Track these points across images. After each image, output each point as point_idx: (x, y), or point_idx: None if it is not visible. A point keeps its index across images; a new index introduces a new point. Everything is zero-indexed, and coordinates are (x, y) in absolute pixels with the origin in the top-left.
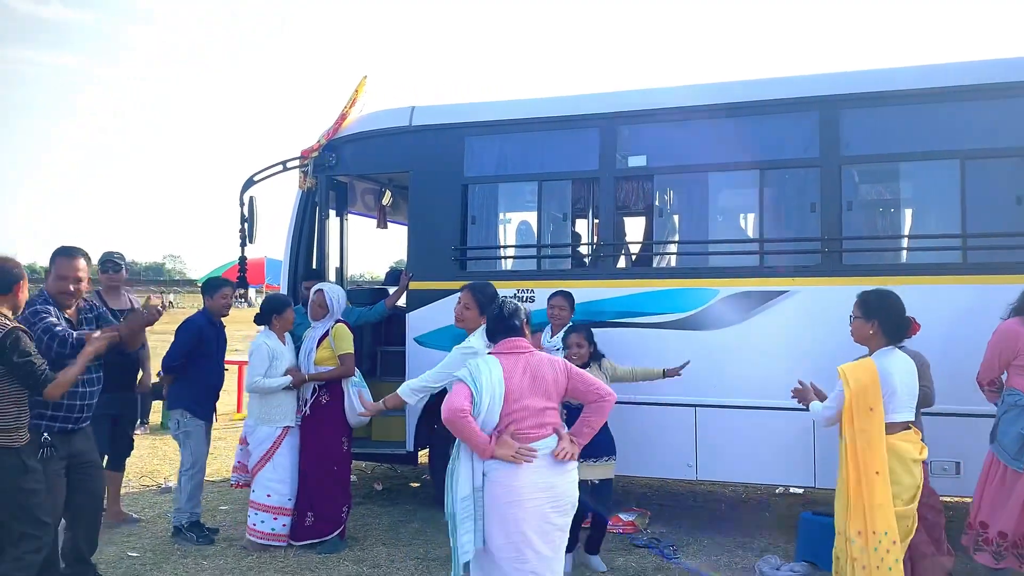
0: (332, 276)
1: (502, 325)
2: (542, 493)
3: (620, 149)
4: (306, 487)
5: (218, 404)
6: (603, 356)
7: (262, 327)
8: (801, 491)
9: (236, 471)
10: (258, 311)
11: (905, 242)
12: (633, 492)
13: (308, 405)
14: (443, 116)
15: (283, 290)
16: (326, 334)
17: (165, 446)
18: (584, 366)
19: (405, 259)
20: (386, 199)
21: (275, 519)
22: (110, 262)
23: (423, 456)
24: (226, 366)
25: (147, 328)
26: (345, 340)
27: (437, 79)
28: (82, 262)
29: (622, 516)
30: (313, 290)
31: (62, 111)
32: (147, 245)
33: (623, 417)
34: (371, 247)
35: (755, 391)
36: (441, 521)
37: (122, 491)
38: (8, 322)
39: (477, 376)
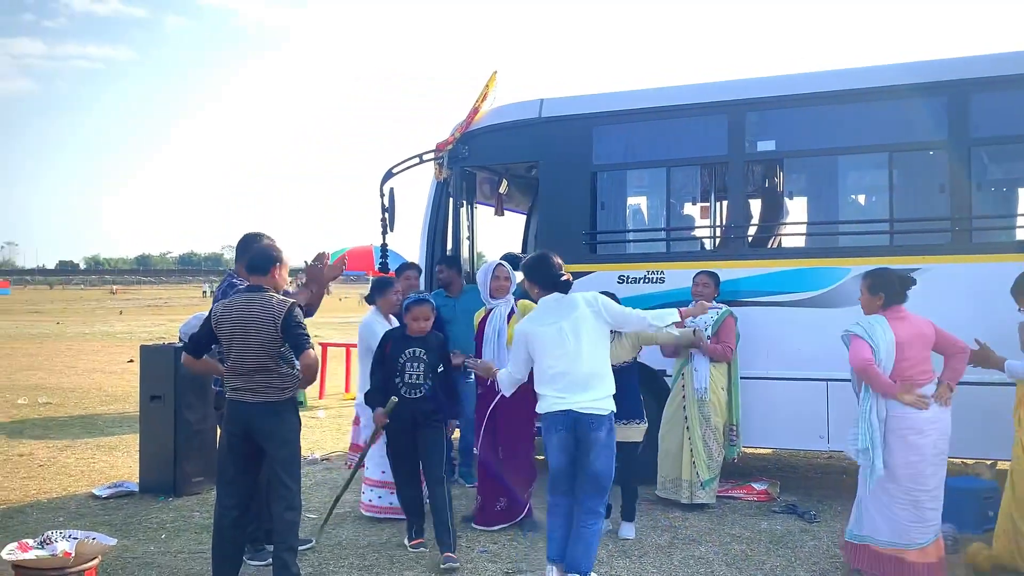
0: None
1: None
2: (933, 426)
3: (749, 134)
4: (498, 471)
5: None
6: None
7: (372, 307)
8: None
9: (352, 450)
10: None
11: None
12: (755, 464)
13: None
14: (571, 107)
15: (422, 276)
16: (512, 311)
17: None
18: None
19: (521, 245)
20: (503, 188)
21: (392, 493)
22: None
23: None
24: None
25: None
26: None
27: (560, 73)
28: None
29: (754, 485)
30: (492, 267)
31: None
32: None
33: (757, 392)
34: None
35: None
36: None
37: None
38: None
39: (872, 332)
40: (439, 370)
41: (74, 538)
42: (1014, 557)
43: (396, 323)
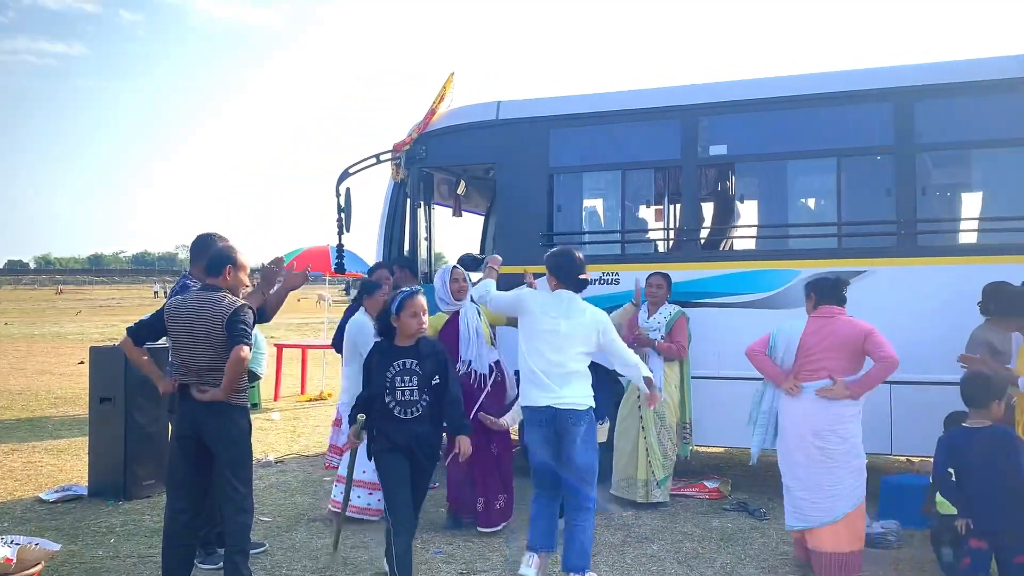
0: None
1: (828, 300)
2: (804, 420)
3: (701, 138)
4: (497, 472)
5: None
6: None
7: (360, 309)
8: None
9: (331, 452)
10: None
11: (976, 224)
12: (708, 463)
13: (490, 385)
14: (528, 110)
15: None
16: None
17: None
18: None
19: (479, 246)
20: (461, 189)
21: (371, 494)
22: None
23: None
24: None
25: None
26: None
27: (515, 75)
28: None
29: (707, 483)
30: (448, 271)
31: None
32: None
33: (709, 391)
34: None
35: None
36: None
37: None
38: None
39: (780, 329)
40: (434, 382)
41: (16, 543)
42: None
43: None
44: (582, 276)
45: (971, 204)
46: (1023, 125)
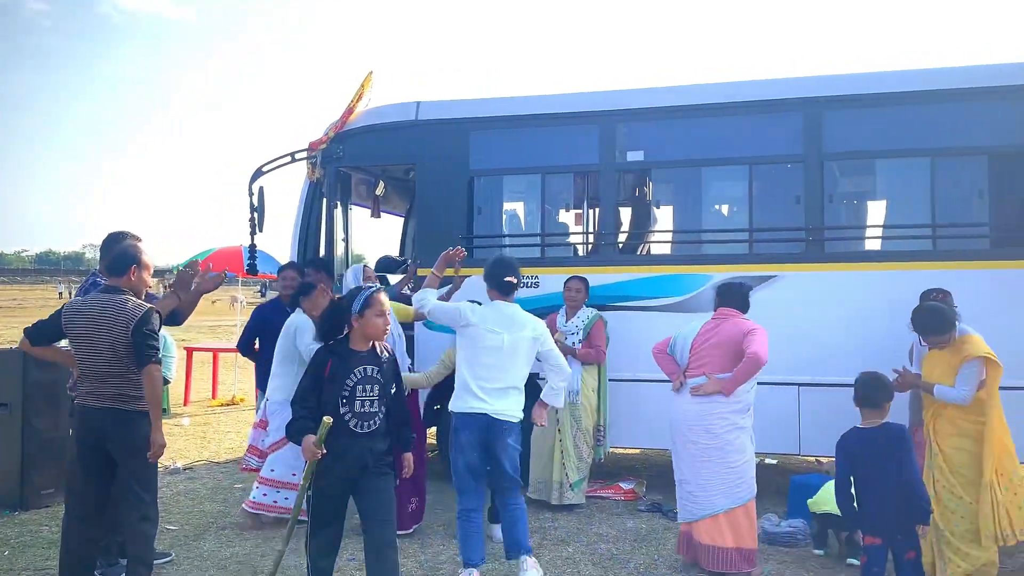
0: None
1: (723, 302)
2: (683, 418)
3: (619, 144)
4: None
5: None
6: None
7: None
8: (775, 461)
9: (250, 453)
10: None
11: (880, 231)
12: (624, 465)
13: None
14: (448, 111)
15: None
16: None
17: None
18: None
19: (399, 248)
20: (379, 190)
21: (277, 491)
22: None
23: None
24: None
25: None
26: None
27: (439, 76)
28: None
29: (622, 485)
30: (360, 269)
31: None
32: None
33: (625, 394)
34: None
35: None
36: (450, 492)
37: None
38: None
39: (681, 329)
40: (392, 391)
41: None
42: (933, 567)
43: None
44: (507, 279)
45: (876, 212)
46: (925, 136)
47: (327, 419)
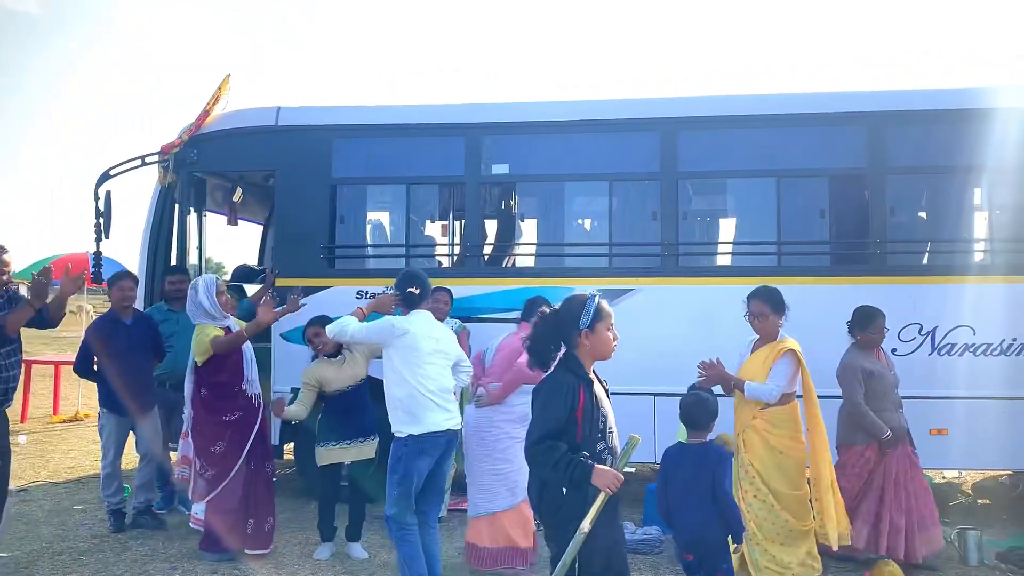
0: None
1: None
2: (470, 424)
3: (484, 157)
4: (268, 491)
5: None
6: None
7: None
8: (633, 470)
9: (180, 465)
10: None
11: (731, 248)
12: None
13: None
14: (311, 118)
15: (141, 286)
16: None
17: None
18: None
19: (258, 257)
20: (237, 196)
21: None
22: None
23: (287, 452)
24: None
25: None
26: None
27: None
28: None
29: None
30: (212, 283)
31: None
32: None
33: None
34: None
35: (606, 378)
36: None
37: None
38: None
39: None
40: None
41: None
42: None
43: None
44: (410, 289)
45: (727, 229)
46: (772, 157)
47: (635, 437)
